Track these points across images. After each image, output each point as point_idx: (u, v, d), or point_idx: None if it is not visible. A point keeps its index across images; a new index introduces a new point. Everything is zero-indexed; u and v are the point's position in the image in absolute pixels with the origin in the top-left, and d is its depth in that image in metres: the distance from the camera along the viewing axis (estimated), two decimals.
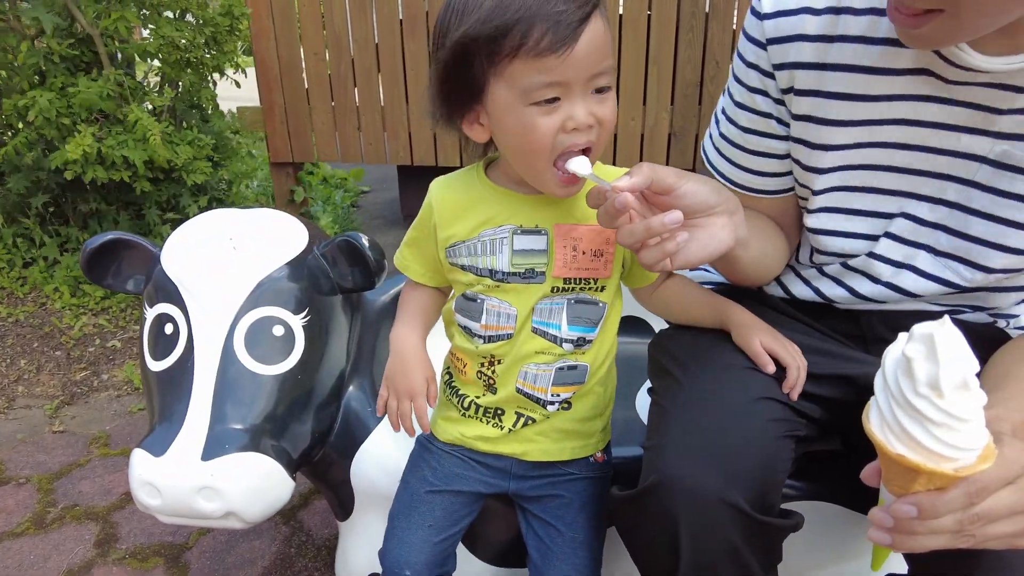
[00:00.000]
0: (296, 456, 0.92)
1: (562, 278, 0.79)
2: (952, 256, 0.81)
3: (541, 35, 0.65)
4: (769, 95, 0.82)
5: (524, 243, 0.78)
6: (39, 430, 1.78)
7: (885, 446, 0.57)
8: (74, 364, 2.06)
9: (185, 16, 2.35)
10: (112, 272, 0.97)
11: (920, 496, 0.57)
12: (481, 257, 0.79)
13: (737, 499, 0.70)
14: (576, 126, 0.70)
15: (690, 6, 2.52)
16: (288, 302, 0.91)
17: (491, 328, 0.81)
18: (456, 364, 0.88)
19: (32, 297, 2.38)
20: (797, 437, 0.80)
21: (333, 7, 2.62)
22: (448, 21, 0.70)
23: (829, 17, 0.77)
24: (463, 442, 0.87)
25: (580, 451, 0.87)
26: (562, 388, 0.83)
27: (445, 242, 0.81)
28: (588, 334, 0.82)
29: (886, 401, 0.58)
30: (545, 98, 0.68)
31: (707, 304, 0.87)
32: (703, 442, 0.73)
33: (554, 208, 0.78)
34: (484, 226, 0.79)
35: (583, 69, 0.68)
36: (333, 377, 0.98)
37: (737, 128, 0.87)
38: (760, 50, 0.81)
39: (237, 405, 0.86)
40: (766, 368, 0.80)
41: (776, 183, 0.88)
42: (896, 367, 0.57)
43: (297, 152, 2.83)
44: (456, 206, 0.81)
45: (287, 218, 0.99)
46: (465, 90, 0.72)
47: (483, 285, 0.80)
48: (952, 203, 0.79)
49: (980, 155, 0.76)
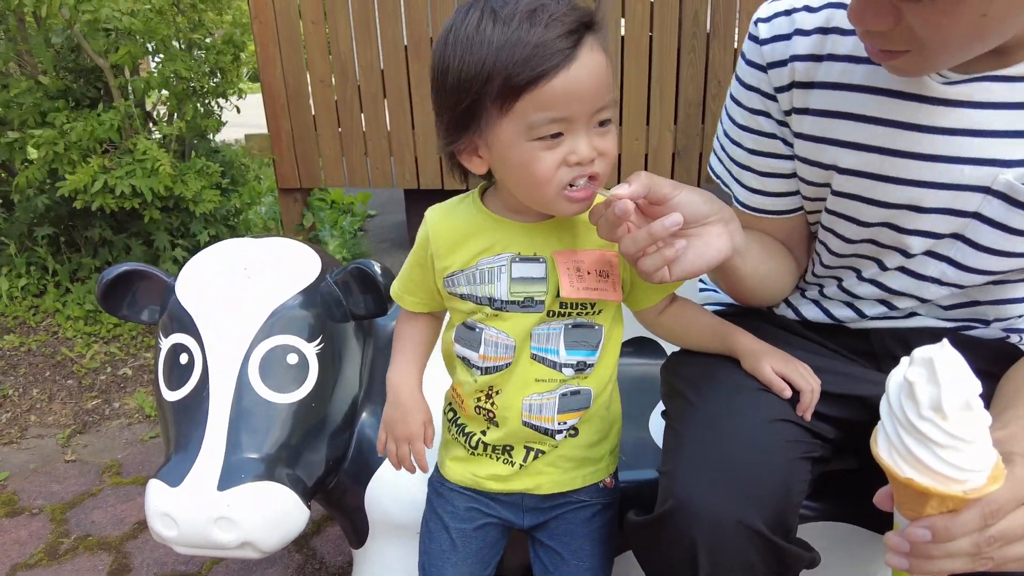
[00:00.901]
0: (311, 484, 0.92)
1: (568, 300, 0.78)
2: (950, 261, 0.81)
3: (540, 70, 0.66)
4: (772, 116, 0.84)
5: (522, 271, 0.78)
6: (52, 459, 1.78)
7: (894, 470, 0.58)
8: (86, 392, 2.07)
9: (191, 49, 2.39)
10: (127, 303, 0.98)
11: (934, 519, 0.57)
12: (480, 285, 0.79)
13: (755, 522, 0.70)
14: (579, 160, 0.70)
15: (691, 26, 2.54)
16: (302, 330, 0.92)
17: (489, 359, 0.80)
18: (456, 400, 0.87)
19: (44, 326, 2.40)
20: (813, 458, 0.80)
21: (338, 34, 2.66)
22: (448, 57, 0.70)
23: (817, 37, 0.79)
24: (475, 483, 0.86)
25: (591, 477, 0.87)
26: (569, 415, 0.82)
27: (443, 272, 0.81)
28: (588, 358, 0.81)
29: (892, 425, 0.58)
30: (549, 134, 0.69)
31: (712, 330, 0.86)
32: (719, 465, 0.73)
33: (552, 236, 0.78)
34: (482, 255, 0.78)
35: (587, 103, 0.68)
36: (346, 404, 0.98)
37: (744, 150, 0.88)
38: (761, 73, 0.82)
39: (252, 434, 0.86)
40: (782, 393, 0.79)
41: (785, 203, 0.89)
42: (899, 391, 0.58)
43: (305, 178, 2.86)
44: (453, 235, 0.80)
45: (300, 246, 1.00)
46: (465, 124, 0.72)
47: (483, 313, 0.79)
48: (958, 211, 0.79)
49: (983, 186, 0.75)
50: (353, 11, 2.61)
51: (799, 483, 0.77)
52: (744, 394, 0.80)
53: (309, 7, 2.63)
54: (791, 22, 0.80)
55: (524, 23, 0.66)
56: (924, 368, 0.55)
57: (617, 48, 2.58)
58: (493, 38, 0.67)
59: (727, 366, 0.84)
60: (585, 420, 0.84)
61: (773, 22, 0.81)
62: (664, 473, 0.77)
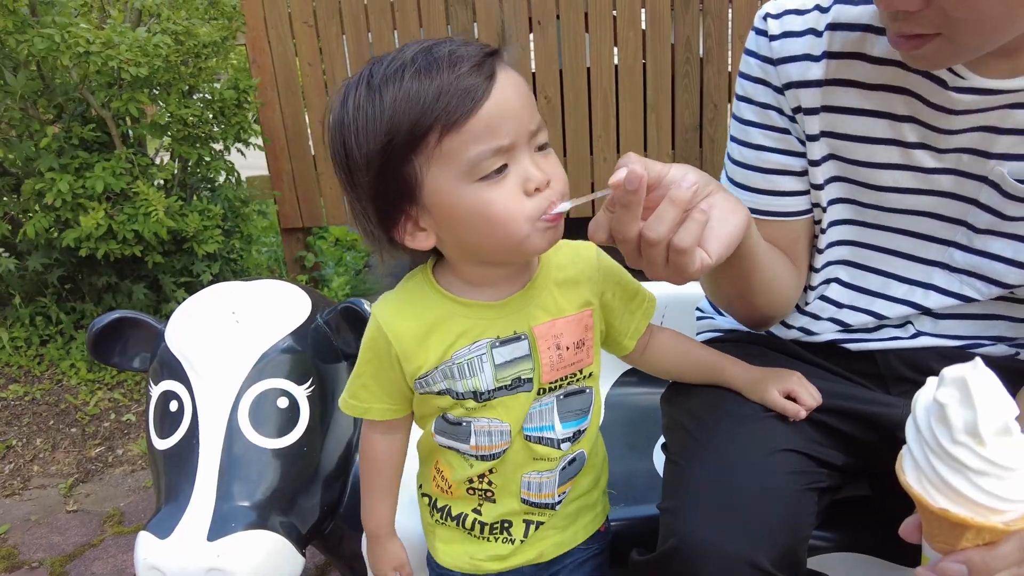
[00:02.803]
0: (305, 531, 0.90)
1: (550, 381, 0.74)
2: (968, 272, 0.80)
3: (459, 100, 0.60)
4: (783, 111, 0.82)
5: (505, 354, 0.71)
6: (53, 510, 1.76)
7: (926, 500, 0.53)
8: (89, 440, 2.06)
9: (193, 94, 2.42)
10: (118, 351, 0.97)
11: (970, 553, 0.53)
12: (460, 381, 0.71)
13: (762, 560, 0.67)
14: (537, 185, 0.64)
15: (684, 52, 2.56)
16: (292, 373, 0.90)
17: (483, 448, 0.74)
18: (439, 484, 0.80)
19: (48, 375, 2.40)
20: (821, 488, 0.77)
21: (335, 75, 2.69)
22: (348, 141, 0.64)
23: (828, 35, 0.78)
24: (473, 567, 0.80)
25: (591, 526, 0.84)
26: (566, 485, 0.80)
27: (413, 374, 0.72)
28: (582, 424, 0.78)
29: (921, 451, 0.54)
30: (493, 168, 0.62)
31: (704, 363, 0.84)
32: (722, 502, 0.71)
33: (526, 308, 0.72)
34: (455, 347, 0.70)
35: (523, 122, 0.63)
36: (341, 447, 0.96)
37: (751, 148, 0.85)
38: (769, 66, 0.81)
39: (243, 482, 0.84)
40: (797, 416, 0.77)
41: (792, 203, 0.85)
42: (928, 414, 0.53)
43: (307, 217, 2.87)
44: (417, 333, 0.71)
45: (290, 288, 0.99)
46: (395, 198, 0.65)
47: (464, 408, 0.72)
48: (959, 221, 0.79)
49: (982, 175, 0.75)
50: (350, 53, 2.66)
51: (807, 516, 0.74)
52: (746, 425, 0.78)
53: (305, 49, 2.67)
54: (803, 20, 0.79)
55: (424, 68, 0.61)
56: (956, 389, 0.51)
57: (611, 76, 2.60)
58: (396, 95, 0.61)
59: (728, 396, 0.82)
60: (579, 475, 0.81)
61: (784, 19, 0.80)
62: (665, 510, 0.75)
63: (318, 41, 2.66)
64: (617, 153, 2.69)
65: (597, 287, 0.77)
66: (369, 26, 2.61)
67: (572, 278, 0.75)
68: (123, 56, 1.97)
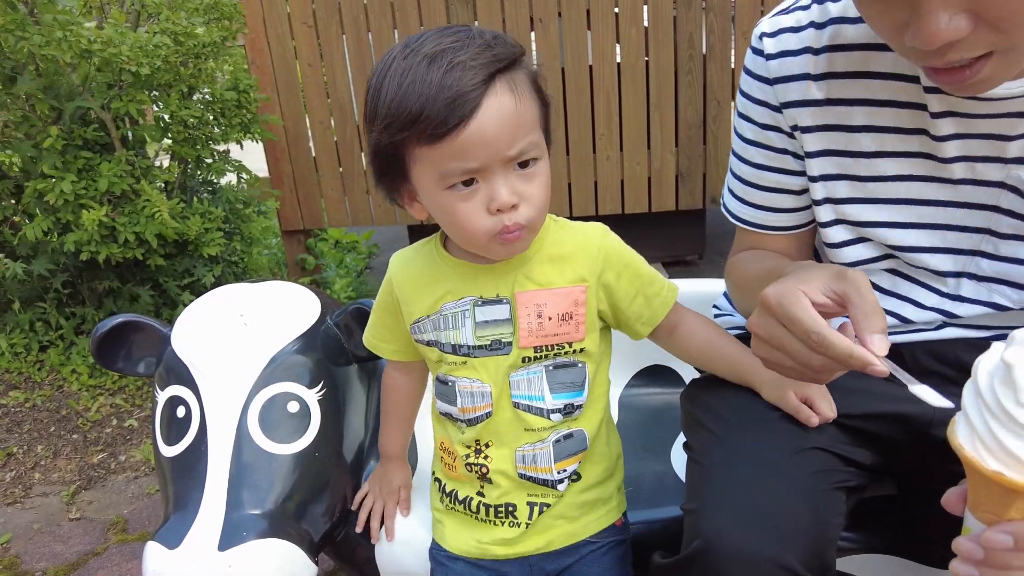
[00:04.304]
0: (318, 538, 0.87)
1: (531, 347, 0.76)
2: (996, 280, 0.78)
3: (437, 123, 0.63)
4: (782, 130, 0.81)
5: (486, 314, 0.76)
6: (56, 518, 1.73)
7: (978, 463, 0.51)
8: (91, 447, 2.03)
9: (192, 95, 2.40)
10: (122, 356, 0.95)
11: (1018, 524, 0.51)
12: (444, 332, 0.77)
13: (792, 562, 0.65)
14: (500, 207, 0.66)
15: (687, 48, 2.54)
16: (302, 377, 0.88)
17: (468, 411, 0.79)
18: (445, 461, 0.84)
19: (49, 381, 2.37)
20: (848, 488, 0.75)
21: (336, 76, 2.67)
22: (371, 103, 0.69)
23: (827, 55, 0.76)
24: (480, 552, 0.82)
25: (604, 520, 0.83)
26: (566, 461, 0.79)
27: (409, 317, 0.80)
28: (576, 399, 0.78)
29: (979, 414, 0.51)
30: (460, 181, 0.66)
31: (729, 359, 0.83)
32: (748, 502, 0.69)
33: (513, 276, 0.76)
34: (444, 299, 0.77)
35: (494, 150, 0.65)
36: (352, 452, 0.94)
37: (751, 167, 0.85)
38: (766, 86, 0.80)
39: (253, 489, 0.82)
40: (809, 422, 0.75)
41: (792, 219, 0.86)
42: (992, 376, 0.51)
43: (308, 219, 2.85)
44: (416, 281, 0.79)
45: (298, 289, 0.97)
46: (395, 170, 0.71)
47: (449, 364, 0.78)
48: (983, 229, 0.76)
49: (999, 181, 0.73)
50: (349, 52, 2.63)
51: (836, 515, 0.72)
52: (772, 424, 0.76)
53: (305, 51, 2.65)
54: (799, 39, 0.78)
55: (423, 73, 0.64)
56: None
57: (614, 74, 2.59)
58: (401, 84, 0.65)
59: (750, 394, 0.80)
60: (587, 461, 0.81)
61: (780, 37, 0.79)
62: (689, 511, 0.73)
63: (318, 41, 2.64)
64: (620, 151, 2.67)
65: (596, 266, 0.78)
66: (369, 26, 2.59)
67: (566, 254, 0.77)
68: (124, 55, 1.95)
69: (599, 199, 2.73)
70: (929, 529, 0.80)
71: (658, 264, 2.89)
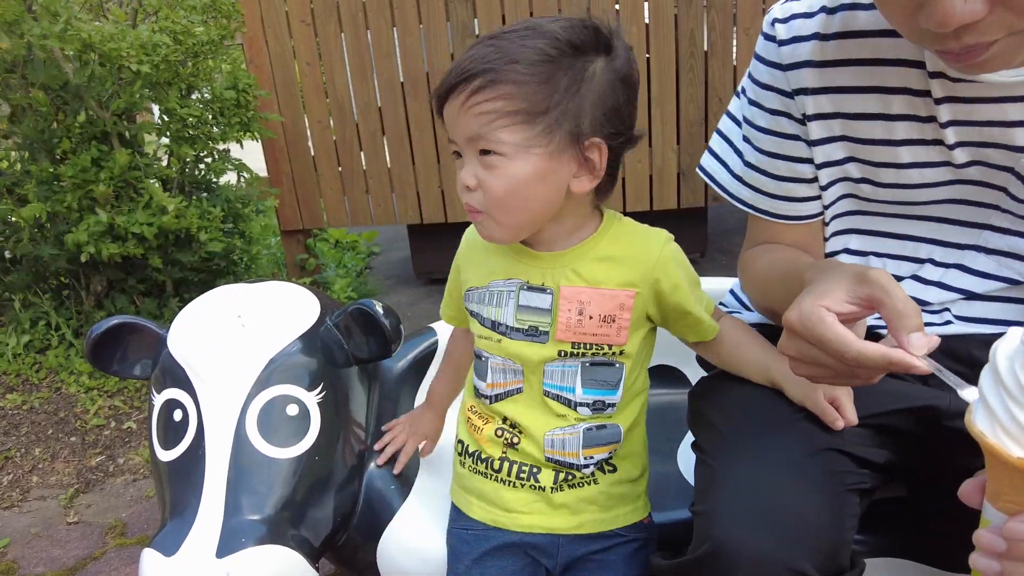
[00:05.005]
0: (318, 544, 0.86)
1: (568, 342, 0.76)
2: (1006, 253, 0.77)
3: (441, 92, 0.71)
4: (793, 117, 0.80)
5: (529, 299, 0.78)
6: (54, 522, 1.72)
7: (1001, 450, 0.49)
8: (89, 449, 2.01)
9: (191, 94, 2.38)
10: (118, 358, 0.93)
11: None
12: (488, 307, 0.80)
13: (805, 566, 0.64)
14: (460, 187, 0.72)
15: (688, 46, 2.53)
16: (301, 379, 0.86)
17: (497, 386, 0.81)
18: (473, 423, 0.85)
19: (47, 382, 2.35)
20: (862, 489, 0.74)
21: (334, 75, 2.65)
22: None
23: (837, 42, 0.75)
24: (500, 522, 0.82)
25: (633, 515, 0.83)
26: (595, 450, 0.79)
27: (464, 284, 0.84)
28: (608, 396, 0.78)
29: (999, 399, 0.50)
30: (454, 151, 0.73)
31: (757, 362, 0.81)
32: (760, 504, 0.67)
33: (563, 269, 0.77)
34: (494, 276, 0.80)
35: (459, 130, 0.71)
36: (353, 455, 0.92)
37: (763, 155, 0.84)
38: (778, 72, 0.79)
39: (252, 494, 0.80)
40: (835, 424, 0.73)
41: (806, 208, 0.85)
42: (1013, 359, 0.49)
43: (307, 219, 2.83)
44: (476, 252, 0.83)
45: (297, 290, 0.95)
46: None
47: (489, 340, 0.80)
48: (991, 205, 0.76)
49: (1008, 166, 0.73)
50: (348, 52, 2.62)
51: (849, 518, 0.70)
52: (782, 424, 0.75)
53: (304, 50, 2.63)
54: (810, 25, 0.77)
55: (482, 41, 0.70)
56: None
57: None
58: None
59: (761, 395, 0.79)
60: (623, 456, 0.81)
61: (791, 23, 0.78)
62: (699, 513, 0.71)
63: (316, 40, 2.62)
64: None
65: (650, 274, 0.77)
66: (368, 24, 2.57)
67: (621, 256, 0.78)
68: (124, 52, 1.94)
69: None
70: (939, 530, 0.79)
71: None
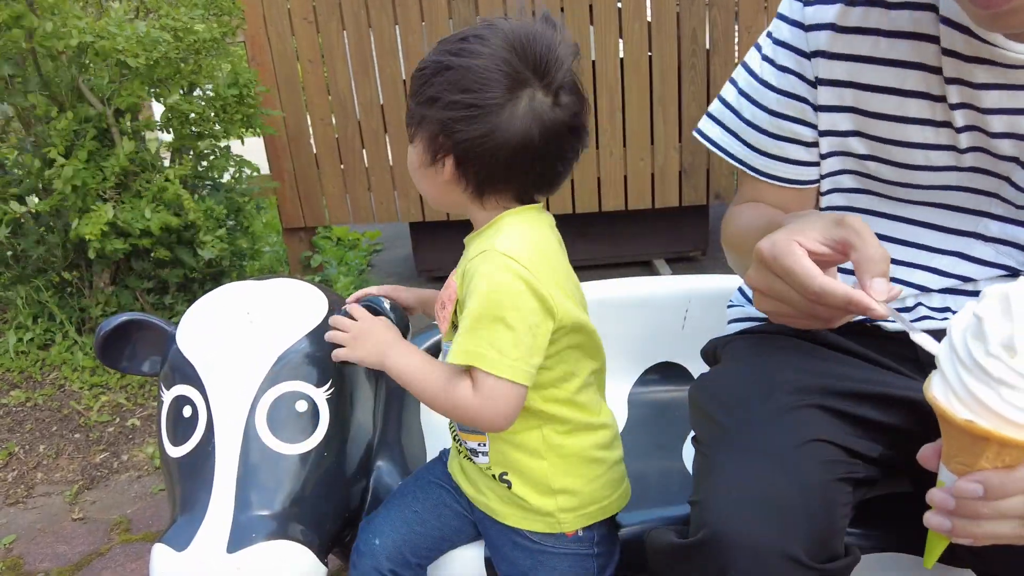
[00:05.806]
0: (327, 539, 0.86)
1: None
2: (1004, 242, 0.78)
3: None
4: (805, 78, 0.81)
5: None
6: (58, 519, 1.72)
7: (949, 412, 0.53)
8: (93, 446, 2.02)
9: (193, 92, 2.38)
10: (127, 355, 0.93)
11: (987, 473, 0.52)
12: None
13: (797, 551, 0.65)
14: None
15: (690, 44, 2.53)
16: (310, 375, 0.87)
17: None
18: None
19: (51, 380, 2.36)
20: (855, 480, 0.75)
21: (336, 73, 2.65)
22: None
23: (863, 9, 0.75)
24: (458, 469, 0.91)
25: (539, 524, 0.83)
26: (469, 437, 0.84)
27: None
28: None
29: (952, 367, 0.53)
30: None
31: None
32: (754, 492, 0.68)
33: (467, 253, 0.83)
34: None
35: None
36: (361, 451, 0.93)
37: (765, 112, 0.84)
38: (800, 31, 0.80)
39: (262, 490, 0.81)
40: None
41: (802, 172, 0.86)
42: (965, 330, 0.53)
43: (309, 217, 2.84)
44: None
45: (305, 286, 0.96)
46: None
47: None
48: (992, 193, 0.77)
49: (1013, 156, 0.73)
50: (350, 49, 2.62)
51: (841, 506, 0.72)
52: (777, 415, 0.76)
53: (306, 47, 2.63)
54: None
55: None
56: (998, 303, 0.51)
57: (617, 69, 2.57)
58: None
59: (759, 386, 0.80)
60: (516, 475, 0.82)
61: None
62: (696, 502, 0.73)
63: (318, 38, 2.62)
64: (624, 147, 2.65)
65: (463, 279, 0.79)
66: (370, 21, 2.57)
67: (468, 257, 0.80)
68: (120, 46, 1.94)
69: (602, 195, 2.71)
70: None
71: (661, 260, 2.88)
